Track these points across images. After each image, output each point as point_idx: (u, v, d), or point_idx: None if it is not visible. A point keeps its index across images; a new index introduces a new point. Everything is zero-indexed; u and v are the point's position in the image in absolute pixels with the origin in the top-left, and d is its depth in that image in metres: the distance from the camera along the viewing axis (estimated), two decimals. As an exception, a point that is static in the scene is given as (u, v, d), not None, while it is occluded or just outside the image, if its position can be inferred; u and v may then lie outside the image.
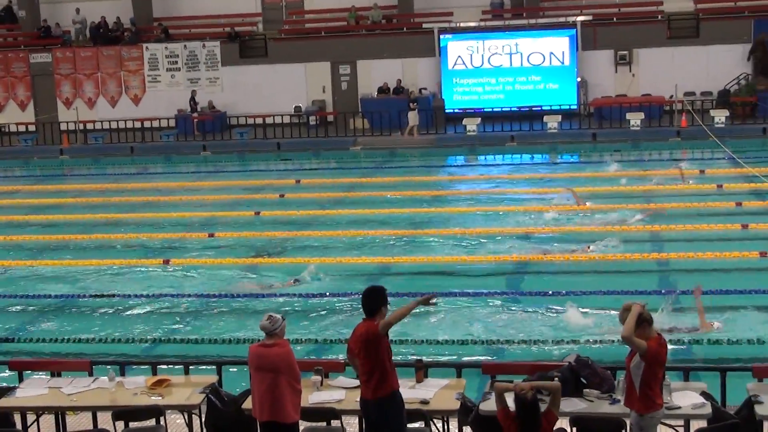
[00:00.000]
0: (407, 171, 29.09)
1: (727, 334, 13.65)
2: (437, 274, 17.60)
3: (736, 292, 15.45)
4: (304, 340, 14.01)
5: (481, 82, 36.94)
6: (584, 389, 9.46)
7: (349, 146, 33.94)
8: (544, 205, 22.80)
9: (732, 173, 24.39)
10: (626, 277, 16.87)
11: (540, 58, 36.63)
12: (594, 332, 13.88)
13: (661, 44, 36.00)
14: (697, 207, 21.47)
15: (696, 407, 9.11)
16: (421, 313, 15.24)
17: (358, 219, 22.27)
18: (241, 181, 28.55)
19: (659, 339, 8.56)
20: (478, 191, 25.48)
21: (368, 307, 8.93)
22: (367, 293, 9.04)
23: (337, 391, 9.81)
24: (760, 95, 33.61)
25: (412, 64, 37.48)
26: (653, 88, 35.44)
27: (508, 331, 14.43)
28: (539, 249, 18.88)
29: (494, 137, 33.25)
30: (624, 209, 21.50)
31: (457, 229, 21.13)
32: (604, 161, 28.08)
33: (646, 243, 19.14)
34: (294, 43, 38.69)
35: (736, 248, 18.10)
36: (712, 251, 17.94)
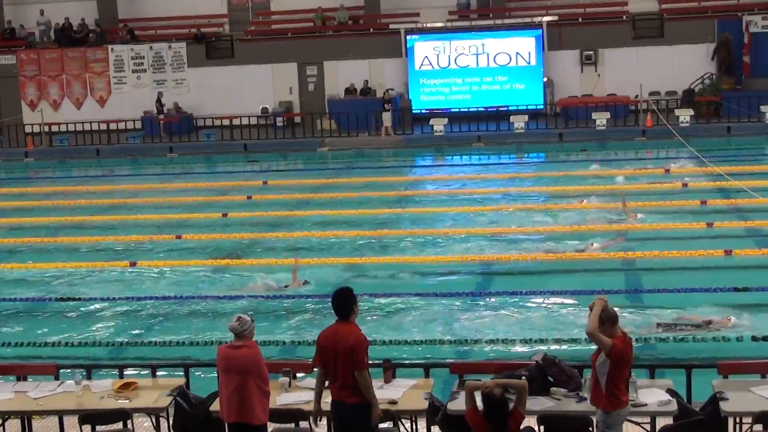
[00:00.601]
0: (375, 172, 29.10)
1: (692, 331, 13.77)
2: (406, 274, 17.60)
3: (701, 290, 15.57)
4: (273, 341, 13.98)
5: (448, 82, 37.04)
6: (551, 388, 9.49)
7: (316, 147, 33.90)
8: (511, 204, 22.91)
9: (697, 172, 24.57)
10: (593, 275, 16.96)
11: (506, 58, 36.77)
12: (561, 331, 13.94)
13: (626, 44, 36.24)
14: (662, 206, 21.61)
15: (662, 404, 9.18)
16: (389, 314, 15.29)
17: (325, 220, 22.25)
18: (208, 182, 28.46)
19: (624, 338, 8.60)
20: (445, 191, 25.52)
21: (342, 309, 8.88)
22: (339, 295, 8.98)
23: (305, 392, 9.79)
24: (724, 95, 33.91)
25: (379, 64, 37.51)
26: (619, 88, 35.66)
27: (476, 331, 14.48)
28: (507, 249, 18.96)
29: (461, 137, 33.34)
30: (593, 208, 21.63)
31: (425, 229, 21.16)
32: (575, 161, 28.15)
33: (606, 240, 19.24)
34: (260, 44, 38.60)
35: (701, 246, 18.24)
36: (678, 250, 18.07)
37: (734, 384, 9.65)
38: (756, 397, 9.20)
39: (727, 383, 9.71)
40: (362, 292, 16.00)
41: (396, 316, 15.29)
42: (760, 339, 13.27)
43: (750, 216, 20.44)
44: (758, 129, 31.95)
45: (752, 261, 17.45)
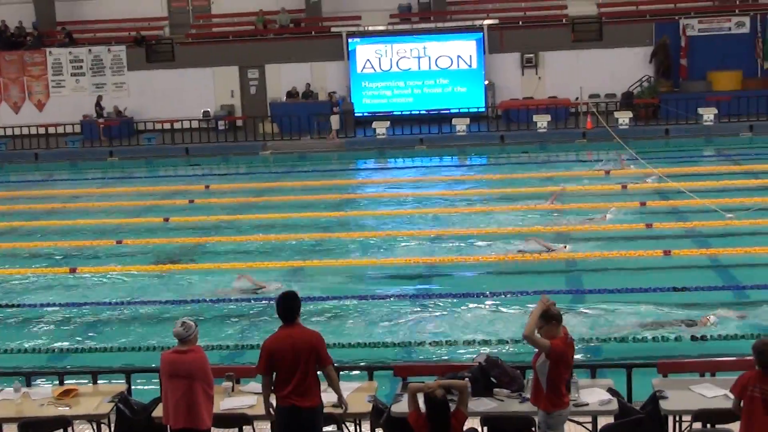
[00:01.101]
0: (317, 175, 29.07)
1: (632, 331, 13.93)
2: (348, 276, 17.60)
3: (641, 290, 15.76)
4: (215, 345, 13.90)
5: (390, 85, 37.13)
6: (494, 389, 9.55)
7: (258, 151, 33.79)
8: (454, 207, 23.03)
9: (636, 173, 24.85)
10: (535, 276, 17.08)
11: (448, 61, 36.94)
12: (504, 332, 14.02)
13: (566, 47, 36.60)
14: (602, 207, 21.83)
15: (603, 403, 9.27)
16: (333, 317, 15.28)
17: (268, 223, 22.19)
18: (150, 187, 28.23)
19: (565, 339, 8.67)
20: (388, 194, 25.57)
21: (290, 313, 8.83)
22: (287, 298, 8.91)
23: (248, 396, 9.75)
24: (662, 97, 34.38)
25: (321, 68, 37.49)
26: (559, 91, 35.99)
27: (419, 333, 14.52)
28: (450, 251, 19.05)
29: (404, 140, 33.44)
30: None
31: (368, 232, 21.19)
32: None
33: (552, 242, 19.37)
34: (201, 47, 38.39)
35: (641, 247, 18.47)
36: (618, 250, 18.28)
37: (674, 383, 9.79)
38: (695, 396, 9.33)
39: (666, 382, 9.84)
40: (306, 295, 16.01)
41: (339, 318, 15.28)
42: (699, 338, 13.46)
43: (688, 217, 20.72)
44: (696, 131, 32.44)
45: (691, 261, 17.69)
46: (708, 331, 13.65)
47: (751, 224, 19.12)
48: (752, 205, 20.57)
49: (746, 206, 20.62)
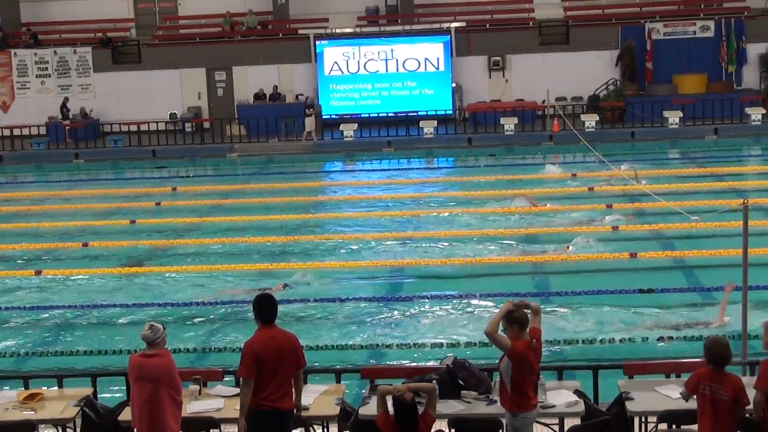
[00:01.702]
0: (285, 177, 29.02)
1: (599, 333, 14.01)
2: (317, 279, 17.56)
3: (608, 292, 15.85)
4: (182, 348, 13.85)
5: (358, 87, 37.13)
6: (462, 391, 9.57)
7: (225, 153, 33.69)
8: (422, 209, 23.08)
9: (602, 176, 24.98)
10: (502, 279, 17.13)
11: (415, 64, 37.00)
12: (472, 334, 14.06)
13: (533, 50, 36.76)
14: (569, 209, 21.95)
15: (570, 405, 9.32)
16: (300, 319, 15.26)
17: (236, 226, 22.13)
18: (116, 189, 28.06)
19: (529, 343, 8.68)
20: (356, 197, 25.57)
21: (270, 314, 8.78)
22: (266, 300, 8.86)
23: (215, 399, 9.71)
24: (628, 100, 34.60)
25: (289, 70, 37.44)
26: (526, 94, 36.13)
27: (387, 336, 14.54)
28: (418, 253, 19.09)
29: (371, 143, 33.45)
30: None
31: (336, 234, 21.19)
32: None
33: (518, 245, 19.47)
34: (168, 48, 38.22)
35: (608, 249, 18.58)
36: (585, 253, 18.37)
37: (639, 384, 9.85)
38: (660, 397, 9.40)
39: (632, 383, 9.90)
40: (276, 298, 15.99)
41: (307, 321, 15.27)
42: (665, 339, 13.57)
43: (654, 219, 20.86)
44: (661, 134, 32.68)
45: (656, 263, 17.82)
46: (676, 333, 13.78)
47: (716, 227, 19.26)
48: (717, 208, 20.73)
49: (711, 209, 20.77)
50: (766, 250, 17.56)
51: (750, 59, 36.04)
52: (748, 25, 36.11)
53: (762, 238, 18.15)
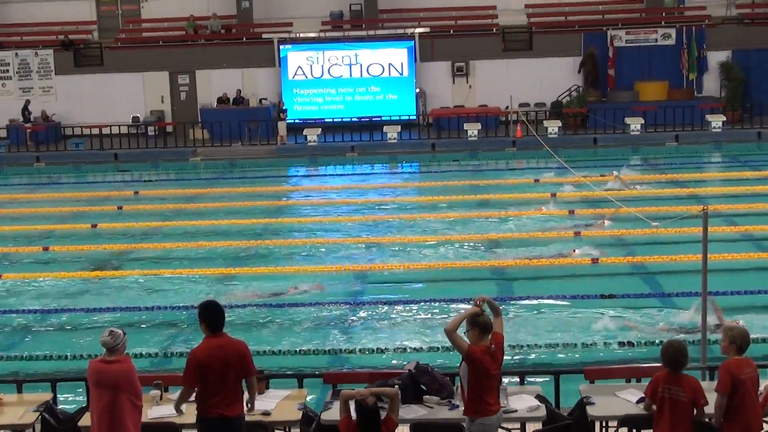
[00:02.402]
0: (248, 182, 28.95)
1: (561, 338, 14.10)
2: (280, 284, 17.54)
3: (570, 297, 15.95)
4: (144, 353, 13.77)
5: (322, 92, 37.09)
6: (424, 396, 9.60)
7: (188, 157, 33.54)
8: (385, 215, 23.12)
9: (564, 182, 25.12)
10: (465, 284, 17.18)
11: (379, 69, 37.04)
12: (434, 339, 14.09)
13: (497, 56, 36.89)
14: (532, 215, 22.07)
15: (531, 410, 9.37)
16: (263, 324, 15.23)
17: (198, 230, 22.04)
18: (77, 192, 27.83)
19: (488, 348, 8.70)
20: (320, 201, 25.55)
21: (218, 322, 8.72)
22: (214, 307, 8.79)
23: (177, 405, 9.66)
24: (591, 107, 34.84)
25: (252, 74, 37.34)
26: (489, 99, 36.27)
27: (349, 341, 14.54)
28: (381, 258, 19.11)
29: (335, 148, 33.44)
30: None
31: (299, 239, 21.18)
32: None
33: (480, 250, 19.55)
34: (131, 52, 37.99)
35: (570, 254, 18.69)
36: (547, 258, 18.47)
37: (600, 389, 9.92)
38: (621, 401, 9.47)
39: (593, 388, 9.97)
40: (236, 302, 15.97)
41: (269, 326, 15.25)
42: (626, 344, 13.67)
43: (615, 225, 20.99)
44: (623, 140, 32.92)
45: (618, 269, 17.95)
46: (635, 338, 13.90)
47: (676, 233, 19.44)
48: (678, 214, 20.90)
49: (672, 215, 20.95)
50: (725, 256, 17.77)
51: (710, 67, 36.39)
52: (709, 34, 36.48)
53: (721, 245, 18.37)
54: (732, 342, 8.50)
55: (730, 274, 16.97)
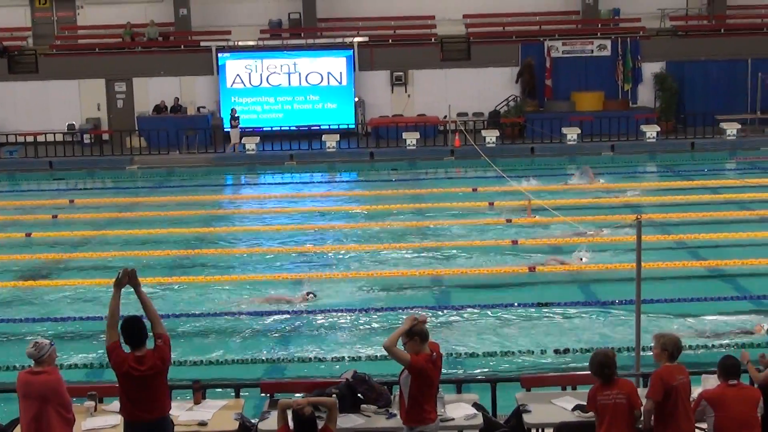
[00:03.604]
0: (186, 190, 28.75)
1: (499, 346, 14.19)
2: (217, 293, 17.43)
3: (508, 305, 16.05)
4: (79, 364, 13.61)
5: (260, 101, 36.98)
6: (362, 405, 9.60)
7: (125, 165, 33.23)
8: (324, 223, 23.12)
9: (502, 191, 25.27)
10: (403, 293, 17.21)
11: (318, 77, 37.03)
12: (372, 348, 14.11)
13: (435, 66, 37.10)
14: (470, 224, 22.19)
15: (468, 418, 9.42)
16: (199, 333, 15.13)
17: (135, 239, 21.83)
18: (11, 201, 27.39)
19: (429, 356, 8.74)
20: (258, 210, 25.44)
21: (139, 338, 8.59)
22: (135, 322, 8.65)
23: (111, 416, 9.56)
24: (528, 116, 35.15)
25: (190, 82, 37.11)
26: (428, 109, 36.44)
27: (287, 349, 14.51)
28: (319, 266, 19.10)
29: (274, 156, 33.35)
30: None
31: (237, 248, 21.09)
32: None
33: (420, 258, 19.63)
34: (66, 59, 37.53)
35: (507, 263, 18.84)
36: (485, 267, 18.59)
37: (537, 396, 10.01)
38: (556, 409, 9.56)
39: (530, 396, 10.05)
40: (172, 312, 15.84)
41: (206, 335, 15.15)
42: (562, 352, 13.80)
43: (551, 234, 21.19)
44: (560, 149, 33.28)
45: (555, 277, 18.11)
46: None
47: (611, 241, 19.68)
48: (613, 223, 21.16)
49: (607, 223, 21.21)
50: (659, 265, 18.03)
51: (645, 78, 36.94)
52: (643, 45, 37.03)
53: (655, 253, 18.64)
54: (664, 349, 8.64)
55: (663, 282, 17.21)
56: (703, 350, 13.56)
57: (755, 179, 27.03)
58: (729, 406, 8.51)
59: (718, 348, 13.46)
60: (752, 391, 8.85)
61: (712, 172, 29.04)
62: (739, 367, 8.72)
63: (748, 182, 26.20)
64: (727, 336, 14.26)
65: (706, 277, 18.10)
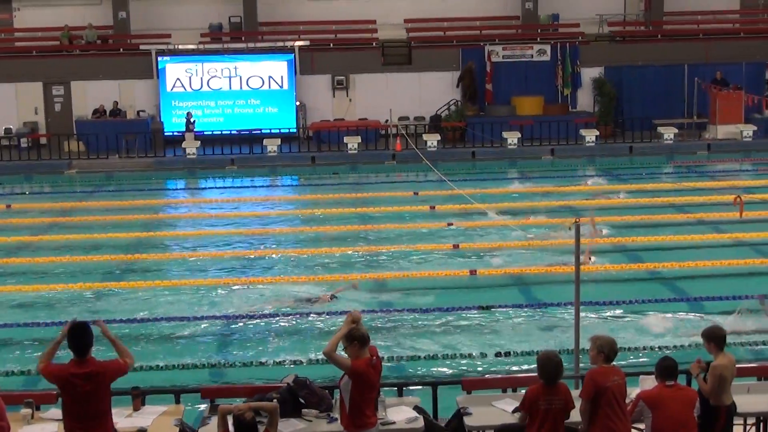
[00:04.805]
0: (125, 195, 28.47)
1: (439, 349, 14.23)
2: (157, 298, 17.28)
3: (450, 308, 16.10)
4: (15, 371, 13.41)
5: (201, 105, 36.77)
6: (303, 409, 9.58)
7: (63, 170, 32.82)
8: (265, 228, 23.04)
9: (443, 195, 25.37)
10: (343, 296, 17.17)
11: (259, 81, 36.92)
12: (313, 353, 14.08)
13: (376, 70, 37.18)
14: (411, 228, 22.25)
15: (409, 421, 9.43)
16: (138, 339, 14.98)
17: (73, 244, 21.56)
18: (-54, 206, 26.96)
19: (369, 360, 8.75)
20: (198, 215, 25.29)
21: (85, 345, 8.50)
22: (82, 329, 8.54)
23: (49, 423, 9.43)
24: (469, 121, 35.35)
25: (130, 85, 36.80)
26: (369, 113, 36.48)
27: (228, 354, 14.43)
28: (260, 271, 19.02)
29: (214, 161, 33.18)
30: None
31: (177, 253, 20.94)
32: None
33: (361, 262, 19.64)
34: (3, 62, 36.98)
35: (449, 267, 18.90)
36: (426, 270, 18.63)
37: (477, 399, 10.05)
38: (497, 411, 9.61)
39: (470, 398, 10.09)
40: (112, 317, 15.67)
41: (146, 341, 15.01)
42: (503, 354, 13.87)
43: (492, 237, 21.31)
44: (500, 153, 33.50)
45: (495, 280, 18.20)
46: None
47: (551, 244, 19.84)
48: (553, 226, 21.34)
49: (547, 226, 21.40)
50: (598, 267, 18.22)
51: (584, 83, 37.36)
52: (583, 50, 37.44)
53: (594, 255, 18.84)
54: (600, 351, 8.74)
55: (602, 285, 17.39)
56: (643, 351, 13.71)
57: (692, 182, 27.43)
58: (666, 407, 8.62)
59: (657, 350, 13.61)
60: (689, 392, 8.98)
61: (650, 176, 29.40)
62: (676, 368, 8.84)
63: (685, 185, 26.56)
64: (665, 337, 14.44)
65: (645, 279, 18.31)
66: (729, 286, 16.91)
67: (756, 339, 14.27)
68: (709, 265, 18.50)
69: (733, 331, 13.61)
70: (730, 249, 19.85)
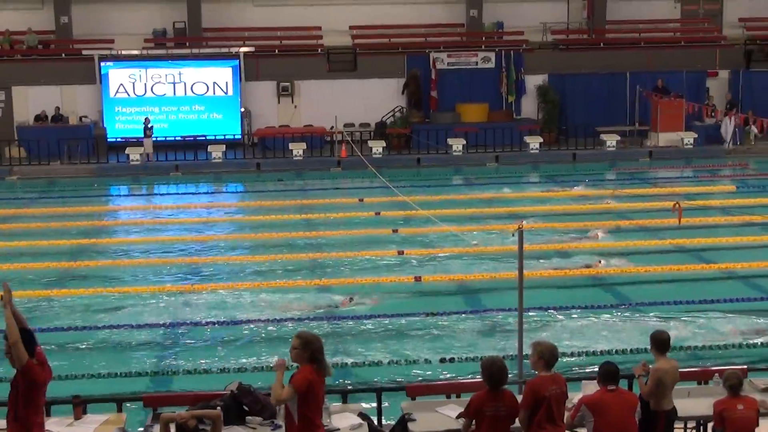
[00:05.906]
0: (67, 201, 28.17)
1: (384, 355, 14.25)
2: (99, 306, 17.11)
3: (395, 315, 16.13)
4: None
5: (145, 110, 36.42)
6: (247, 417, 9.52)
7: (4, 176, 32.39)
8: (209, 234, 22.92)
9: (388, 201, 25.40)
10: (289, 304, 17.13)
11: (204, 87, 36.74)
12: (258, 359, 14.04)
13: (322, 77, 37.16)
14: (356, 234, 22.26)
15: (354, 428, 9.43)
16: (80, 347, 14.82)
17: (14, 251, 21.28)
18: None
19: (312, 369, 8.68)
20: (142, 221, 25.09)
21: (30, 347, 8.43)
22: (26, 334, 8.50)
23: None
24: (414, 127, 35.46)
25: (72, 91, 36.40)
26: (315, 119, 36.46)
27: (171, 362, 14.33)
28: (204, 278, 18.93)
29: (159, 167, 32.94)
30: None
31: (120, 260, 20.75)
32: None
33: (306, 268, 19.62)
34: (-58, 66, 36.51)
35: (393, 273, 18.94)
36: (371, 276, 18.65)
37: (421, 405, 10.07)
38: (441, 417, 9.64)
39: (415, 405, 10.11)
40: (51, 325, 15.51)
41: (88, 349, 14.85)
42: (448, 360, 13.92)
43: (437, 244, 21.39)
44: (445, 160, 33.63)
45: (440, 287, 18.26)
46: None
47: (495, 251, 19.95)
48: (496, 233, 21.47)
49: (491, 233, 21.52)
50: (541, 273, 18.37)
51: (528, 90, 37.66)
52: (527, 58, 37.74)
53: (536, 262, 18.99)
54: (540, 357, 8.79)
55: (546, 290, 17.52)
56: (586, 357, 13.84)
57: (633, 189, 27.75)
58: (608, 412, 8.70)
59: (599, 355, 13.73)
60: (630, 397, 9.07)
61: (593, 183, 29.71)
62: (618, 373, 8.93)
63: (626, 192, 26.86)
64: (607, 342, 14.58)
65: (586, 285, 18.48)
66: (669, 292, 17.17)
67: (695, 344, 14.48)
68: (651, 270, 18.77)
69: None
70: (671, 255, 20.15)
